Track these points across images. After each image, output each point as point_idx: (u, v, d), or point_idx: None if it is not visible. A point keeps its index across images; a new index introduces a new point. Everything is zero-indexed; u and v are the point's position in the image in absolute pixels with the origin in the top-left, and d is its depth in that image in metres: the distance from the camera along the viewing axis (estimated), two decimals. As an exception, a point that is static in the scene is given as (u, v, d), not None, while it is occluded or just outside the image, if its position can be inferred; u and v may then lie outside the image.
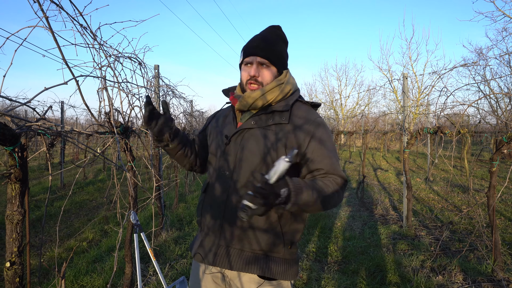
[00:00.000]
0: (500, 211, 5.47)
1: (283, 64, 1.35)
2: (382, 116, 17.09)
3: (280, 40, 1.34)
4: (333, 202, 1.17)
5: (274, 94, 1.29)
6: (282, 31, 1.38)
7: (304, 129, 1.24)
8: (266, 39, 1.31)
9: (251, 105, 1.29)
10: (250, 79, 1.30)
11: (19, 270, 1.21)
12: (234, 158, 1.28)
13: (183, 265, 3.38)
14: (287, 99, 1.32)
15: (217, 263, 1.28)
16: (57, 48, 1.23)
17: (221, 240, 1.28)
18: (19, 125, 1.21)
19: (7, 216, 1.19)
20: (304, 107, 1.33)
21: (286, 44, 1.39)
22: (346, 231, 4.63)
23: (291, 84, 1.35)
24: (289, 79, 1.36)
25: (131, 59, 2.29)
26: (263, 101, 1.28)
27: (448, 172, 10.14)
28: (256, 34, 1.37)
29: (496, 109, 13.51)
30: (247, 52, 1.31)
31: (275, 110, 1.28)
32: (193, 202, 6.19)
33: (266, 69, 1.30)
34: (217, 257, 1.28)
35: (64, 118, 8.54)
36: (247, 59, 1.31)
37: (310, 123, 1.25)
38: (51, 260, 3.56)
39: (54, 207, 5.76)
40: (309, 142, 1.23)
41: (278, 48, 1.32)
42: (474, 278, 3.10)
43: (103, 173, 9.80)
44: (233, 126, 1.36)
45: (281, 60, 1.33)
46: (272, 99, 1.29)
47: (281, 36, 1.36)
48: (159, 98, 4.13)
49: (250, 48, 1.30)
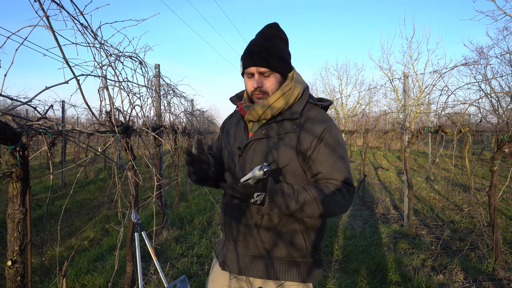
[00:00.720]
0: (501, 210, 5.47)
1: (286, 67, 1.30)
2: (383, 115, 17.06)
3: (278, 40, 1.29)
4: (332, 208, 1.15)
5: (281, 103, 1.26)
6: (279, 29, 1.32)
7: (312, 133, 1.22)
8: (262, 44, 1.25)
9: (260, 116, 1.27)
10: (254, 91, 1.28)
11: (21, 268, 1.21)
12: (249, 169, 1.27)
13: (184, 264, 3.38)
14: (297, 104, 1.29)
15: (242, 273, 1.28)
16: (58, 47, 1.23)
17: (244, 250, 1.29)
18: (20, 124, 1.21)
19: (8, 215, 1.19)
20: (314, 109, 1.29)
21: (286, 43, 1.33)
22: (347, 230, 4.63)
23: (299, 87, 1.31)
24: (296, 81, 1.31)
25: (132, 58, 2.29)
26: (272, 112, 1.26)
27: (449, 171, 10.13)
28: (253, 39, 1.31)
29: (497, 108, 13.48)
30: (245, 62, 1.27)
31: (285, 118, 1.26)
32: (194, 201, 6.20)
33: (268, 77, 1.26)
34: (242, 266, 1.28)
35: (65, 117, 8.55)
36: (248, 70, 1.27)
37: (319, 127, 1.22)
38: (52, 259, 3.56)
39: (55, 206, 5.77)
40: (315, 145, 1.21)
41: (277, 52, 1.26)
42: (475, 277, 3.09)
43: (104, 172, 9.82)
44: (244, 136, 1.34)
45: (282, 63, 1.28)
46: (281, 107, 1.27)
47: (279, 35, 1.30)
48: (160, 98, 4.13)
49: (249, 58, 1.25)
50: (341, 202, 1.17)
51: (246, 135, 1.34)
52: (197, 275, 3.19)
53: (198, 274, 3.21)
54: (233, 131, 1.41)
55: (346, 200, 1.18)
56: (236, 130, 1.40)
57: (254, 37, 1.32)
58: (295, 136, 1.23)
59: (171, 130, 4.63)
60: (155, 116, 3.89)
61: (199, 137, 1.41)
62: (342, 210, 1.19)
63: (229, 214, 1.34)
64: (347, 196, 1.19)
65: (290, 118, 1.25)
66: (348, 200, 1.20)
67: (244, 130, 1.35)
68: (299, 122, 1.25)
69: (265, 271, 1.26)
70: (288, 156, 1.22)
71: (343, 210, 1.20)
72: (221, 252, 1.38)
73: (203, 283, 3.01)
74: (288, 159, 1.22)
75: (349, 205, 1.21)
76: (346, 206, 1.20)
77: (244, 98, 1.39)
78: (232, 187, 1.09)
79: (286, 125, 1.26)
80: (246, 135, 1.34)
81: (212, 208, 5.70)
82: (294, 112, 1.26)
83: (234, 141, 1.37)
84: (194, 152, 1.73)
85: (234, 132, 1.40)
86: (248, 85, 1.31)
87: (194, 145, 6.75)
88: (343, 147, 1.25)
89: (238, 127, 1.40)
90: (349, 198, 1.20)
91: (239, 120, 1.42)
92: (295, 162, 1.22)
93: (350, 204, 1.21)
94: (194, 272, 3.23)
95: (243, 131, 1.36)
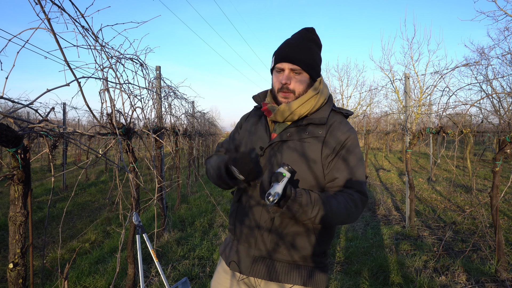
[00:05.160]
0: (503, 211, 5.45)
1: (316, 71, 1.29)
2: (384, 116, 17.05)
3: (313, 44, 1.29)
4: (344, 218, 1.17)
5: (310, 104, 1.26)
6: (315, 34, 1.32)
7: (336, 140, 1.23)
8: (298, 44, 1.26)
9: (286, 117, 1.27)
10: (281, 88, 1.27)
11: (22, 271, 1.21)
12: (270, 170, 1.25)
13: (185, 266, 3.38)
14: (323, 110, 1.29)
15: (253, 274, 1.27)
16: (59, 50, 1.23)
17: (256, 251, 1.28)
18: (22, 127, 1.21)
19: (10, 218, 1.19)
20: (338, 117, 1.30)
21: (320, 48, 1.33)
22: (349, 231, 4.62)
23: (325, 94, 1.31)
24: (323, 88, 1.32)
25: (133, 60, 2.29)
26: (299, 114, 1.26)
27: (451, 172, 10.11)
28: (288, 38, 1.32)
29: (498, 108, 13.46)
30: (278, 57, 1.27)
31: (311, 123, 1.26)
32: (195, 203, 6.19)
33: (298, 76, 1.26)
34: (253, 267, 1.27)
35: (66, 120, 8.57)
36: (279, 65, 1.27)
37: (343, 135, 1.23)
38: (54, 261, 3.56)
39: (57, 209, 5.77)
40: (337, 152, 1.22)
41: (310, 54, 1.26)
42: (478, 278, 3.08)
43: (105, 175, 9.82)
44: (266, 136, 1.32)
45: (313, 66, 1.27)
46: (308, 111, 1.27)
47: (314, 40, 1.30)
48: (160, 100, 4.14)
49: (282, 54, 1.25)
50: (354, 213, 1.18)
51: (268, 136, 1.32)
52: (198, 277, 3.18)
53: (200, 276, 3.20)
54: (253, 130, 1.39)
55: (359, 210, 1.20)
56: (256, 129, 1.38)
57: (289, 37, 1.33)
58: (320, 141, 1.23)
59: (172, 132, 4.63)
60: (156, 118, 3.90)
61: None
62: (353, 219, 1.21)
63: (241, 214, 1.33)
64: (360, 206, 1.20)
65: (316, 123, 1.25)
66: (361, 210, 1.21)
67: (266, 130, 1.34)
68: (325, 127, 1.25)
69: (277, 274, 1.25)
70: (310, 160, 1.22)
71: (354, 220, 1.22)
72: (230, 253, 1.36)
73: (204, 285, 3.00)
74: (309, 163, 1.22)
75: (360, 214, 1.22)
76: (358, 216, 1.21)
77: (268, 98, 1.38)
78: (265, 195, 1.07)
79: (312, 130, 1.25)
80: (268, 135, 1.33)
81: (213, 210, 5.69)
82: (321, 118, 1.26)
83: (255, 140, 1.35)
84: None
85: (254, 131, 1.38)
86: (275, 81, 1.30)
87: (195, 147, 6.77)
88: (362, 158, 1.26)
89: (258, 126, 1.38)
90: (362, 208, 1.21)
91: (259, 119, 1.40)
92: (316, 167, 1.22)
93: (361, 213, 1.22)
94: (195, 274, 3.22)
95: (264, 131, 1.34)
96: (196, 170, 8.87)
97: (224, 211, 5.65)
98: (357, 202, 1.18)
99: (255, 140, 1.35)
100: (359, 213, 1.20)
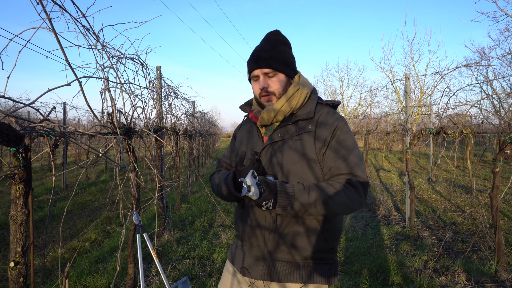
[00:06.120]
0: (504, 211, 5.45)
1: (290, 68, 1.33)
2: (384, 116, 17.06)
3: (280, 44, 1.32)
4: (346, 203, 1.17)
5: (294, 100, 1.29)
6: (281, 35, 1.36)
7: (326, 130, 1.25)
8: (266, 48, 1.30)
9: (272, 119, 1.30)
10: (261, 93, 1.31)
11: (23, 270, 1.21)
12: (268, 172, 1.28)
13: (185, 266, 3.38)
14: (308, 104, 1.32)
15: (264, 277, 1.27)
16: (60, 50, 1.23)
17: (265, 254, 1.28)
18: (23, 126, 1.22)
19: (11, 217, 1.19)
20: (325, 109, 1.33)
21: (289, 46, 1.36)
22: (349, 231, 4.62)
23: (307, 87, 1.34)
24: (303, 83, 1.34)
25: (134, 60, 2.30)
26: (283, 113, 1.29)
27: (451, 172, 10.11)
28: (256, 46, 1.36)
29: (499, 109, 13.45)
30: (250, 66, 1.32)
31: (299, 119, 1.28)
32: (195, 203, 6.20)
33: (273, 78, 1.30)
34: (263, 271, 1.27)
35: (67, 119, 8.58)
36: (253, 74, 1.32)
37: (331, 125, 1.26)
38: (54, 261, 3.57)
39: (57, 208, 5.78)
40: (329, 142, 1.24)
41: (279, 54, 1.30)
42: (478, 279, 3.08)
43: (106, 174, 9.83)
44: (259, 141, 1.36)
45: (286, 64, 1.31)
46: (293, 107, 1.29)
47: (281, 40, 1.34)
48: (161, 99, 4.14)
49: (253, 62, 1.31)
50: (355, 197, 1.18)
51: (261, 140, 1.35)
52: (198, 276, 3.19)
53: (200, 275, 3.20)
54: (246, 138, 1.43)
55: (360, 194, 1.20)
56: (249, 137, 1.42)
57: (258, 44, 1.36)
58: (311, 135, 1.25)
59: (173, 132, 4.64)
60: (157, 117, 3.90)
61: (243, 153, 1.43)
62: (357, 204, 1.20)
63: (246, 219, 1.33)
64: (360, 189, 1.20)
65: (304, 118, 1.28)
66: (362, 194, 1.20)
67: (258, 136, 1.37)
68: (314, 121, 1.28)
69: (298, 276, 1.24)
70: (306, 156, 1.24)
71: (358, 205, 1.21)
72: (239, 258, 1.36)
73: (204, 284, 3.00)
74: (305, 159, 1.24)
75: (364, 198, 1.21)
76: (361, 200, 1.21)
77: (253, 105, 1.42)
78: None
79: (302, 125, 1.28)
80: (261, 140, 1.35)
81: (213, 209, 5.70)
82: (308, 112, 1.28)
83: (250, 147, 1.38)
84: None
85: (247, 139, 1.42)
86: (255, 88, 1.35)
87: (195, 147, 6.77)
88: (355, 143, 1.27)
89: (251, 134, 1.42)
90: (363, 191, 1.21)
91: (251, 127, 1.44)
92: (312, 162, 1.24)
93: (365, 198, 1.22)
94: (195, 274, 3.23)
95: (257, 136, 1.38)
96: (196, 170, 8.87)
97: (224, 211, 5.65)
98: (356, 185, 1.19)
99: (250, 147, 1.38)
100: (361, 198, 1.20)
